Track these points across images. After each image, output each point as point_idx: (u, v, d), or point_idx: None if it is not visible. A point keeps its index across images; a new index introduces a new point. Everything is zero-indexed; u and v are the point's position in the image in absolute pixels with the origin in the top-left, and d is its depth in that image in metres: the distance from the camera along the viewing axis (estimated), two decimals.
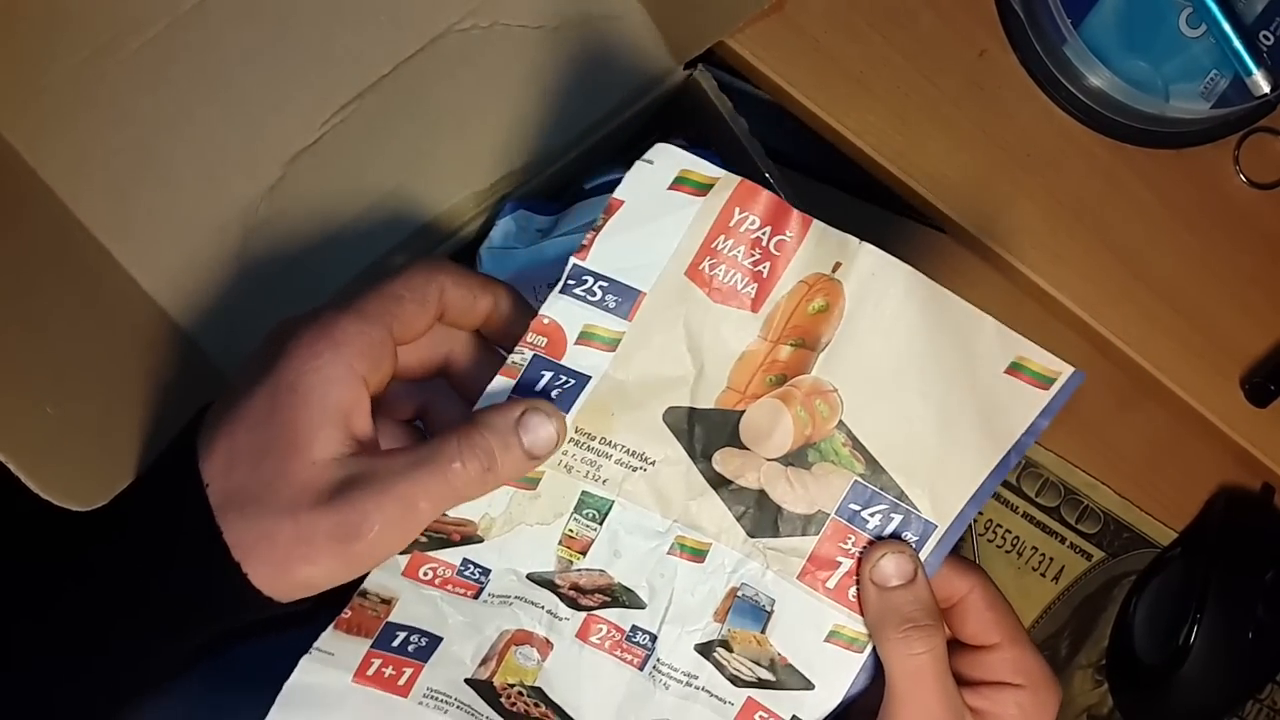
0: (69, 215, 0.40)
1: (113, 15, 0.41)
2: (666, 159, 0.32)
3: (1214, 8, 0.44)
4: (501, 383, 0.33)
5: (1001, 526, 0.53)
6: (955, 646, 0.37)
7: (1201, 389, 0.49)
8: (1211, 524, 0.53)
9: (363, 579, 0.34)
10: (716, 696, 0.37)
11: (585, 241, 0.33)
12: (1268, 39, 0.45)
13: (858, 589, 0.36)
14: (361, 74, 0.42)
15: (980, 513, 0.52)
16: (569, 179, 0.45)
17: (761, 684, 0.37)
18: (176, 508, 0.31)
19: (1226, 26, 0.44)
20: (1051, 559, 0.53)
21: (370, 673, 0.35)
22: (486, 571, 0.35)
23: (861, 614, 0.36)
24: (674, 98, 0.44)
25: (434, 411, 0.36)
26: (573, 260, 0.33)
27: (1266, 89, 0.45)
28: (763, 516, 0.36)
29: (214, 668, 0.41)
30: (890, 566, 0.34)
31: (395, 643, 0.35)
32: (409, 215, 0.42)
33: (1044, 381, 0.35)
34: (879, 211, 0.52)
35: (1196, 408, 0.49)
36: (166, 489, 0.32)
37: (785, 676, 0.36)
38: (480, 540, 0.35)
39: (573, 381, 0.34)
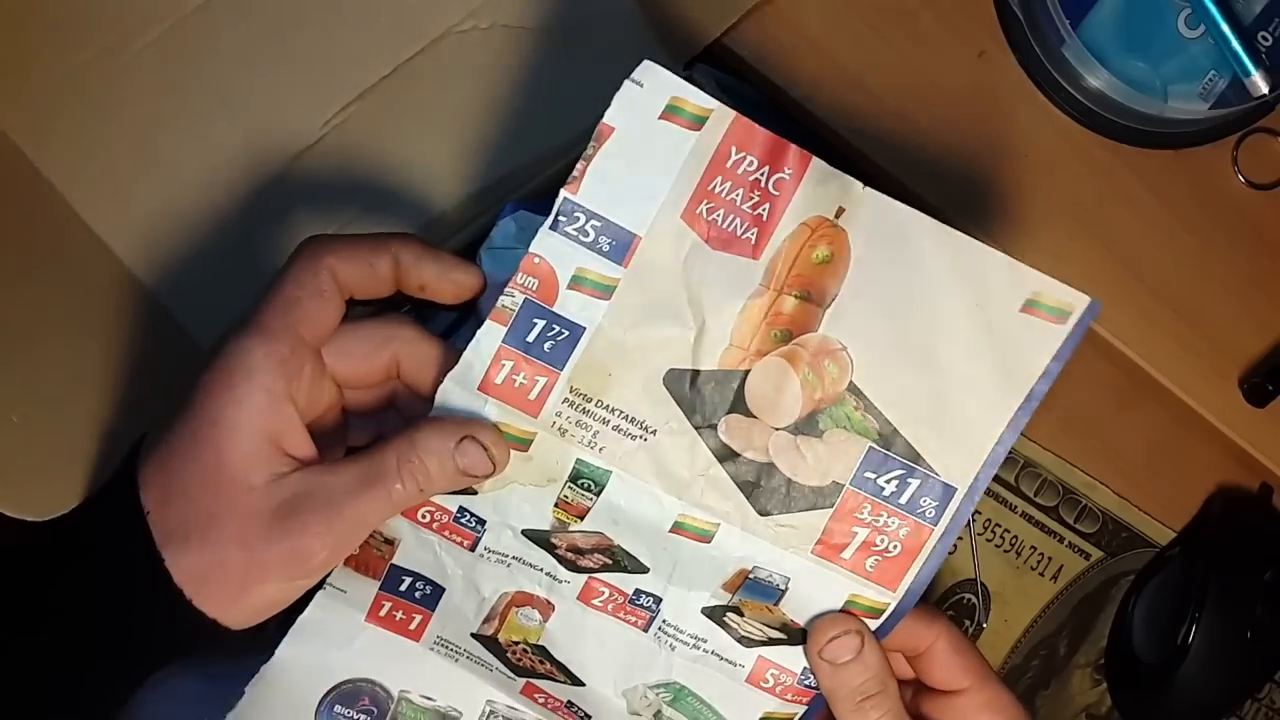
0: (71, 213, 0.41)
1: (119, 16, 0.41)
2: (656, 81, 0.31)
3: (1212, 8, 0.44)
4: (492, 328, 0.32)
5: (1000, 526, 0.53)
6: (927, 693, 0.37)
7: (1200, 389, 0.49)
8: (1210, 523, 0.53)
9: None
10: (727, 660, 0.36)
11: (576, 173, 0.31)
12: (1266, 39, 0.45)
13: (809, 664, 0.35)
14: (362, 75, 0.42)
15: (979, 512, 0.53)
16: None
17: (772, 642, 0.36)
18: (123, 544, 0.31)
19: (1225, 27, 0.44)
20: (1050, 558, 0.53)
21: (382, 614, 0.35)
22: (482, 522, 0.34)
23: (820, 687, 0.35)
24: None
25: (400, 400, 0.36)
26: (563, 193, 0.31)
27: (1265, 89, 0.45)
28: (772, 491, 0.34)
29: (214, 666, 0.41)
30: (840, 646, 0.34)
31: (402, 587, 0.35)
32: (409, 215, 0.42)
33: (1060, 316, 0.33)
34: None
35: (1195, 408, 0.49)
36: (112, 523, 0.32)
37: (798, 636, 0.36)
38: (474, 493, 0.34)
39: (566, 332, 0.32)
